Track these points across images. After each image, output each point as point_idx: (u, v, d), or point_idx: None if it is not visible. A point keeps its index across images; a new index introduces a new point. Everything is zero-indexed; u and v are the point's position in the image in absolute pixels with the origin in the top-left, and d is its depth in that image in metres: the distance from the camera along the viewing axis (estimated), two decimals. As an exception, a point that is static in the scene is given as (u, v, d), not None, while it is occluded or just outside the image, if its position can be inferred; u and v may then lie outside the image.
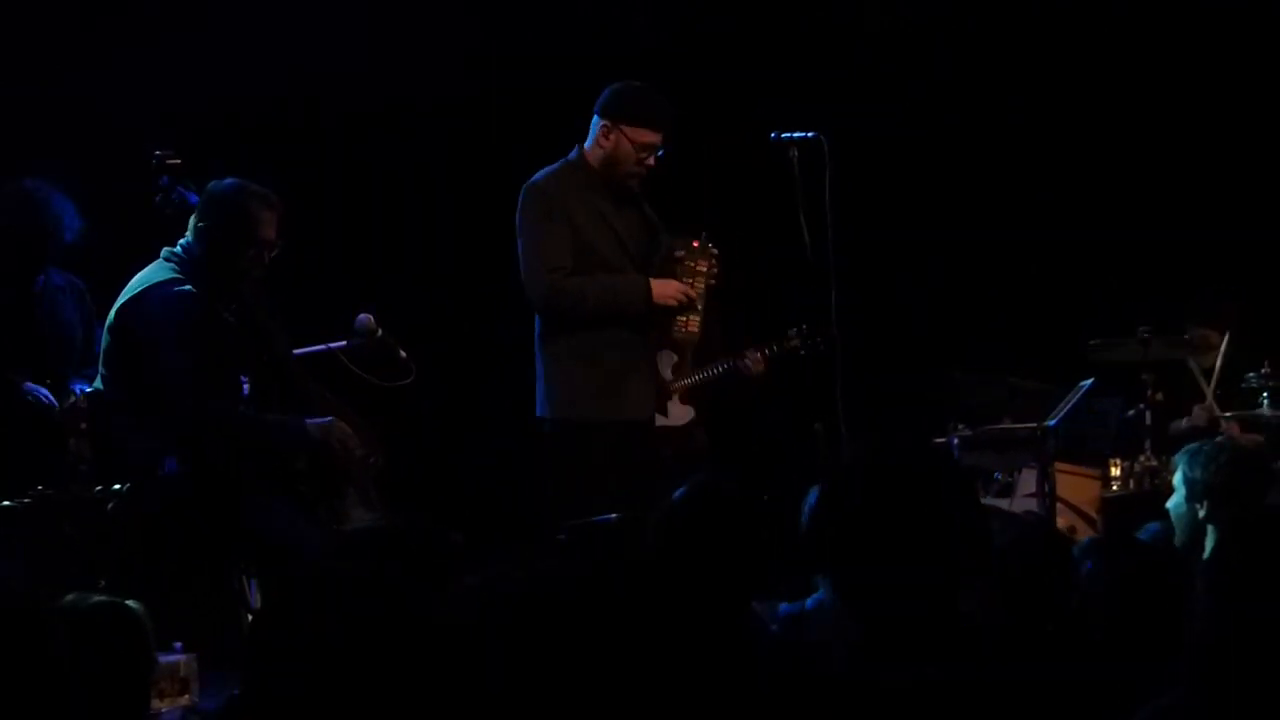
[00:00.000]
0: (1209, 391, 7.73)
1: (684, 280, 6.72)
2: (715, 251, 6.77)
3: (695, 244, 6.77)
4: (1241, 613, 3.74)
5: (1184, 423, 7.80)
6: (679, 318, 6.73)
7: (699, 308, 6.75)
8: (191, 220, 6.15)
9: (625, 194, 6.74)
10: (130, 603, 3.79)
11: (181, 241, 6.15)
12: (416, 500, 7.26)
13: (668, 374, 6.97)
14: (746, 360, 6.88)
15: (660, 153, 6.67)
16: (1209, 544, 5.40)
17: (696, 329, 6.77)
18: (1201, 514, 5.48)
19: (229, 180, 6.15)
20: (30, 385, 6.59)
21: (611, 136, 6.65)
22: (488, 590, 3.35)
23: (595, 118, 6.69)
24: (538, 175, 6.74)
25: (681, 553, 4.23)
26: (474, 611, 3.41)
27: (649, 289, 6.65)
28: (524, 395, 6.95)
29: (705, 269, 6.74)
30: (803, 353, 6.87)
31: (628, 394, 6.65)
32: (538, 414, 6.78)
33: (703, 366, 6.97)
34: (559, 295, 6.58)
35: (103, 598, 3.78)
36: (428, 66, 8.44)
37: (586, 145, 6.72)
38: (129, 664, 3.69)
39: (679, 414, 6.92)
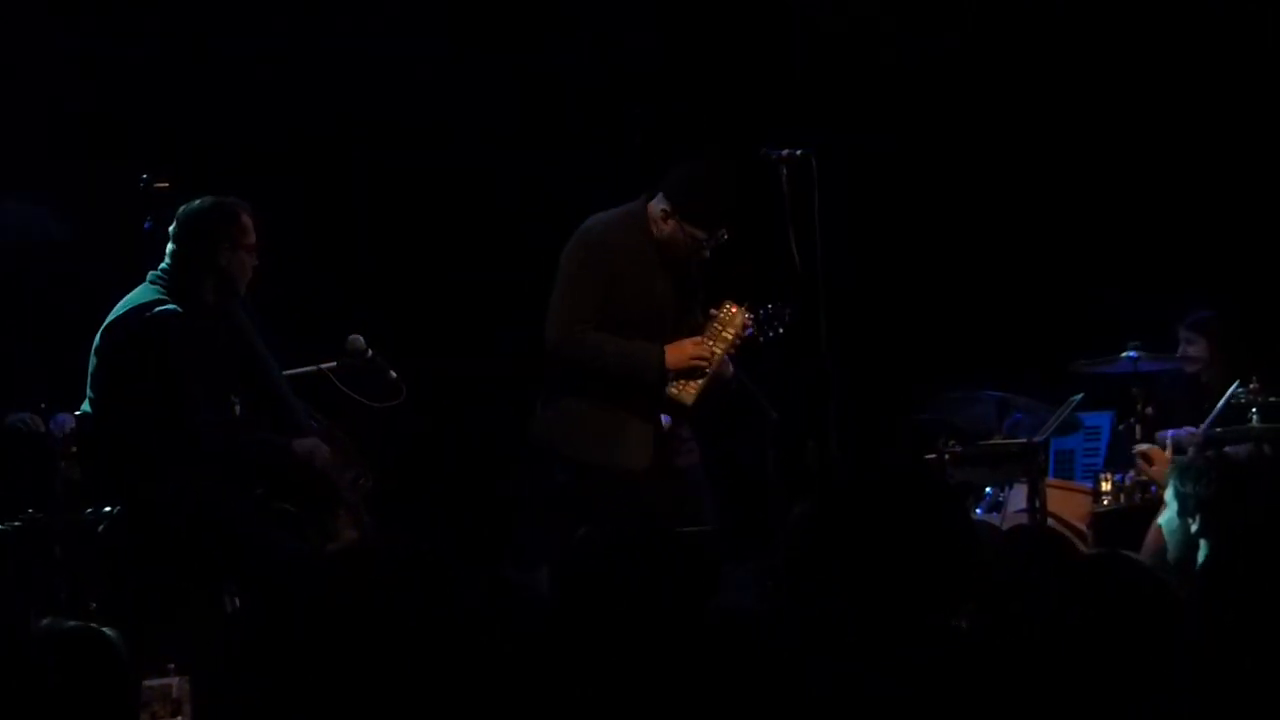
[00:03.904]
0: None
1: (705, 340, 6.69)
2: (749, 324, 6.73)
3: (733, 310, 6.74)
4: (1236, 624, 3.77)
5: (1169, 439, 7.79)
6: (680, 379, 6.69)
7: (706, 372, 6.68)
8: (168, 246, 6.16)
9: (678, 261, 6.71)
10: (105, 629, 3.77)
11: (163, 264, 6.17)
12: (406, 521, 7.26)
13: None
14: None
15: (720, 241, 6.65)
16: (1201, 558, 5.41)
17: (692, 396, 6.69)
18: (1194, 529, 5.48)
19: (196, 200, 6.17)
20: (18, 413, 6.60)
21: (670, 222, 6.62)
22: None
23: (662, 193, 6.64)
24: (597, 221, 6.72)
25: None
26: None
27: (663, 360, 6.62)
28: (515, 416, 6.97)
29: (730, 337, 6.71)
30: (761, 340, 6.85)
31: (627, 444, 6.64)
32: (534, 432, 6.80)
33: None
34: (573, 347, 6.59)
35: (77, 623, 3.76)
36: (426, 78, 8.47)
37: (653, 209, 6.66)
38: (105, 689, 3.67)
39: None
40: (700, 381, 6.72)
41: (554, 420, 6.73)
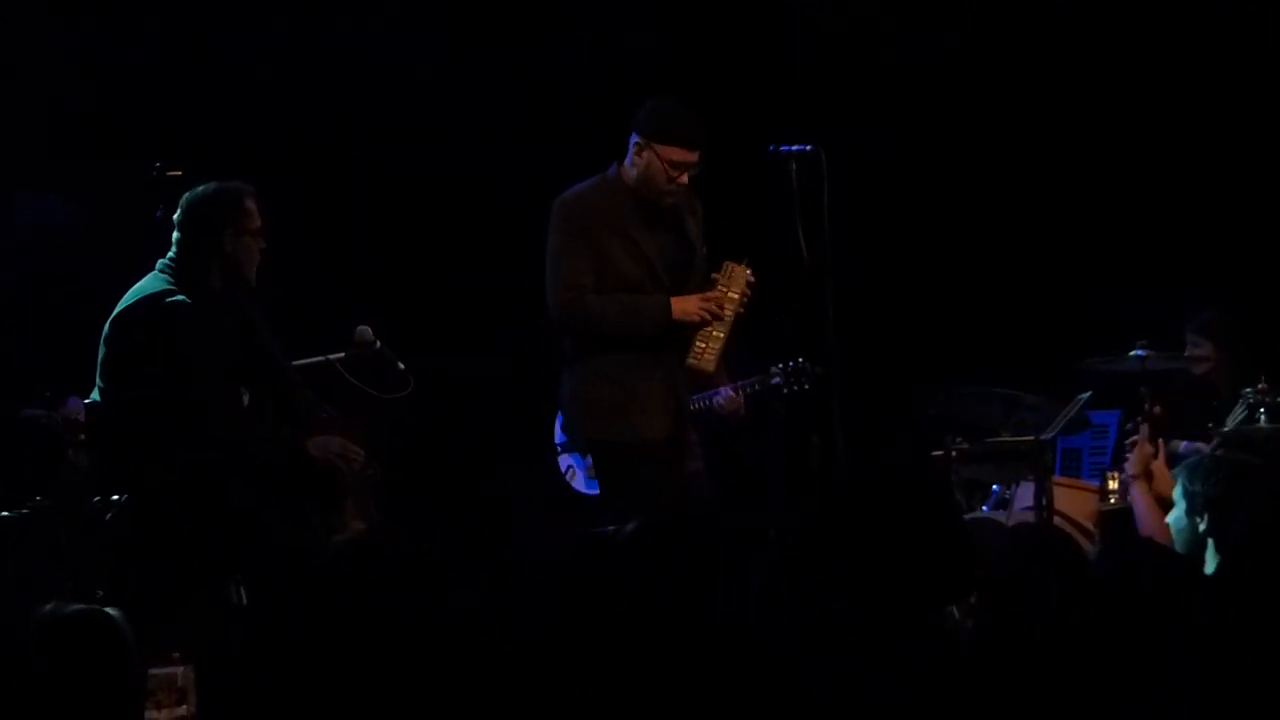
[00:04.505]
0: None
1: (712, 298, 6.68)
2: (752, 279, 6.72)
3: (734, 268, 6.72)
4: (1239, 623, 3.75)
5: (1181, 447, 7.79)
6: (698, 344, 6.68)
7: (719, 335, 6.68)
8: (174, 235, 6.15)
9: (663, 213, 6.72)
10: (109, 609, 3.76)
11: (170, 253, 6.16)
12: (414, 512, 7.26)
13: None
14: (720, 399, 6.83)
15: (698, 170, 6.65)
16: (1209, 557, 5.40)
17: (712, 362, 6.69)
18: (1202, 528, 5.47)
19: (200, 187, 6.17)
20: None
21: (644, 154, 6.62)
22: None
23: (631, 136, 6.67)
24: (570, 191, 6.75)
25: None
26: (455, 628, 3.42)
27: (668, 307, 6.62)
28: (522, 407, 6.96)
29: (737, 296, 6.70)
30: (785, 392, 6.84)
31: (644, 414, 6.62)
32: (559, 426, 6.84)
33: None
34: (574, 314, 6.61)
35: (80, 606, 3.75)
36: (426, 78, 8.46)
37: (625, 163, 6.70)
38: (110, 670, 3.66)
39: None
40: (717, 347, 6.68)
41: (569, 400, 6.75)
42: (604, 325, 6.60)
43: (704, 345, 6.68)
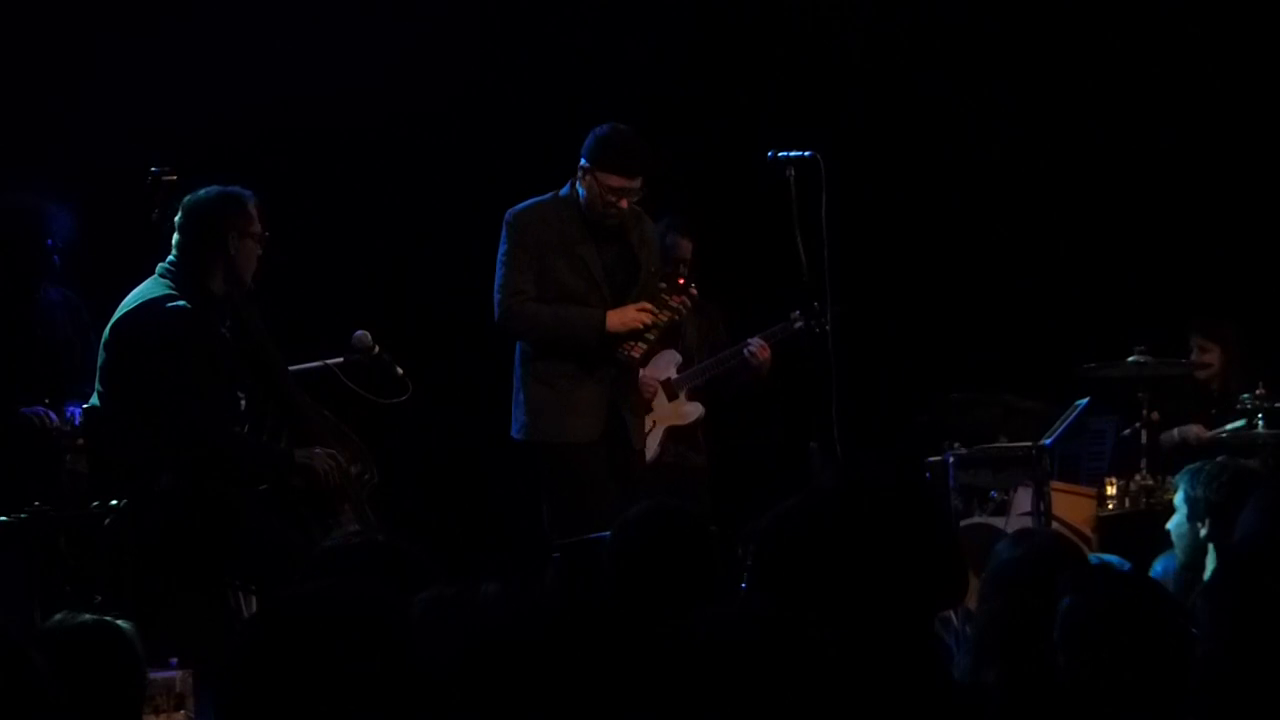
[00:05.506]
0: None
1: (650, 308, 6.85)
2: (694, 293, 6.97)
3: (680, 280, 6.96)
4: (1244, 635, 3.74)
5: (1175, 434, 7.80)
6: (627, 341, 6.87)
7: (650, 337, 6.89)
8: (175, 238, 6.15)
9: (609, 231, 6.86)
10: (119, 621, 3.75)
11: (170, 257, 6.15)
12: (411, 517, 7.25)
13: (672, 373, 7.40)
14: (751, 348, 7.11)
15: (638, 196, 6.79)
16: (1209, 563, 5.40)
17: (638, 355, 6.91)
18: (1203, 533, 5.47)
19: (202, 190, 6.16)
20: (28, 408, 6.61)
21: (586, 179, 6.80)
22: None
23: (581, 159, 6.84)
24: (520, 205, 6.94)
25: (634, 573, 4.26)
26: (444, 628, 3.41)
27: (604, 322, 6.79)
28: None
29: (676, 304, 6.89)
30: (810, 334, 6.96)
31: (574, 417, 6.81)
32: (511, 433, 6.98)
33: (709, 362, 7.31)
34: (512, 318, 6.83)
35: (90, 616, 3.75)
36: (428, 82, 8.46)
37: (577, 181, 6.86)
38: (118, 683, 3.65)
39: (689, 411, 7.29)
40: (644, 345, 6.89)
41: (515, 404, 6.92)
42: (539, 331, 6.81)
43: (633, 343, 6.87)
